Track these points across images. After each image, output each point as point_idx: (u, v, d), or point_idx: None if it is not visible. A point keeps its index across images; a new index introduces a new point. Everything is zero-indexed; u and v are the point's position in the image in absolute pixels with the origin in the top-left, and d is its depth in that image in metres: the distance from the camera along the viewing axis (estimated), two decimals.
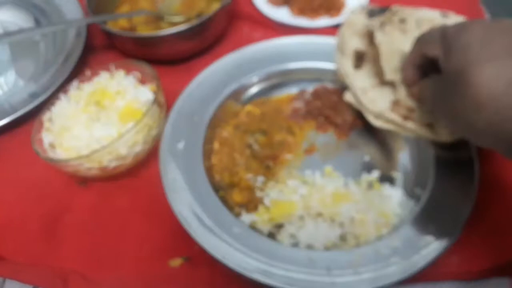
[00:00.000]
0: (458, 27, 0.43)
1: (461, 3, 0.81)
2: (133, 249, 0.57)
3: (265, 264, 0.49)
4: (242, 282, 0.53)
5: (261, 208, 0.57)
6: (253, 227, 0.55)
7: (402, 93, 0.54)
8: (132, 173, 0.63)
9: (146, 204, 0.60)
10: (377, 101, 0.57)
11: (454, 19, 0.69)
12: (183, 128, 0.61)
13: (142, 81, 0.67)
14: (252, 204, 0.57)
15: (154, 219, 0.59)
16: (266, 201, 0.57)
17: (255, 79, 0.68)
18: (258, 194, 0.58)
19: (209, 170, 0.59)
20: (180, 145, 0.60)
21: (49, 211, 0.60)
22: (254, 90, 0.69)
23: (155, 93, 0.63)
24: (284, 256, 0.50)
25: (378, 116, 0.56)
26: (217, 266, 0.54)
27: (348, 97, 0.60)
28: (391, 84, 0.57)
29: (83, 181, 0.62)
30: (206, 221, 0.53)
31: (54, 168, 0.60)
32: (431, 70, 0.46)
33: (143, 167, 0.64)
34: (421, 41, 0.48)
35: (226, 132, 0.64)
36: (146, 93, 0.65)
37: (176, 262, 0.55)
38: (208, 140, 0.62)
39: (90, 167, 0.58)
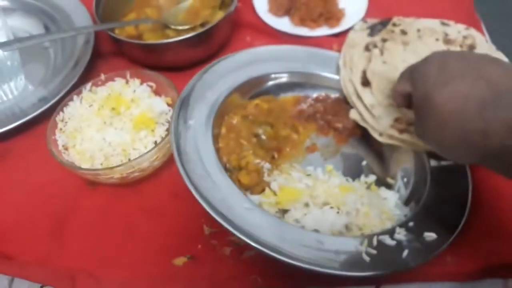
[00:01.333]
0: (422, 60, 0.49)
1: (458, 10, 0.84)
2: (139, 249, 0.58)
3: (276, 240, 0.50)
4: (243, 280, 0.55)
5: (268, 191, 0.58)
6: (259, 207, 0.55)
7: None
8: (142, 178, 0.65)
9: (152, 206, 0.62)
10: (382, 118, 0.61)
11: (454, 27, 0.72)
12: (194, 108, 0.62)
13: (157, 92, 0.69)
14: (259, 187, 0.59)
15: (160, 220, 0.61)
16: (274, 185, 0.58)
17: (266, 76, 0.71)
18: (266, 178, 0.60)
19: (217, 152, 0.59)
20: (191, 122, 0.60)
21: (58, 211, 0.62)
22: (261, 87, 0.71)
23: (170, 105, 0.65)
24: (294, 236, 0.51)
25: (381, 133, 0.61)
26: (219, 264, 0.56)
27: (353, 114, 0.63)
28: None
29: (92, 183, 0.64)
30: (218, 194, 0.53)
31: (63, 170, 0.62)
32: None
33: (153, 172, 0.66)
34: (399, 79, 0.53)
35: (234, 120, 0.65)
36: (161, 104, 0.67)
37: (180, 261, 0.57)
38: (216, 124, 0.63)
39: (111, 176, 0.61)
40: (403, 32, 0.72)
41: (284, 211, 0.57)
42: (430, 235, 0.53)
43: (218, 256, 0.57)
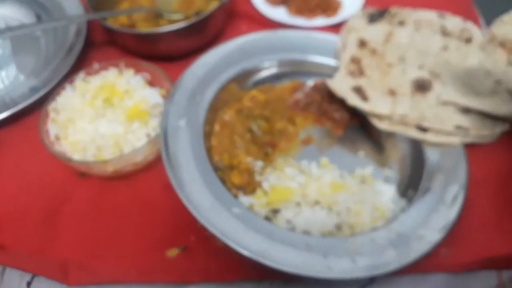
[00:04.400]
0: None
1: (457, 5, 0.83)
2: (131, 240, 0.58)
3: (264, 244, 0.50)
4: (235, 271, 0.55)
5: (259, 192, 0.58)
6: (250, 209, 0.56)
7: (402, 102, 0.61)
8: (135, 170, 0.64)
9: (144, 197, 0.62)
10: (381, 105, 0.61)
11: (451, 20, 0.71)
12: (185, 106, 0.62)
13: (151, 83, 0.69)
14: (250, 187, 0.58)
15: (152, 211, 0.60)
16: (265, 185, 0.58)
17: (260, 65, 0.70)
18: (257, 178, 0.59)
19: (208, 151, 0.60)
20: (182, 123, 0.60)
21: (49, 202, 0.61)
22: (258, 77, 0.70)
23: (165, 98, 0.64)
24: (282, 240, 0.51)
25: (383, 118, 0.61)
26: (212, 255, 0.56)
27: (351, 100, 0.63)
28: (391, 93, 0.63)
29: (83, 173, 0.63)
30: (207, 199, 0.53)
31: (55, 160, 0.62)
32: None
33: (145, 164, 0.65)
34: None
35: (227, 115, 0.65)
36: (155, 96, 0.66)
37: (173, 252, 0.56)
38: (209, 121, 0.63)
39: (106, 169, 0.60)
40: (401, 23, 0.71)
41: (276, 211, 0.57)
42: (423, 233, 0.52)
43: (211, 248, 0.56)
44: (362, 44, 0.69)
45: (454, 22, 0.71)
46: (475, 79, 0.65)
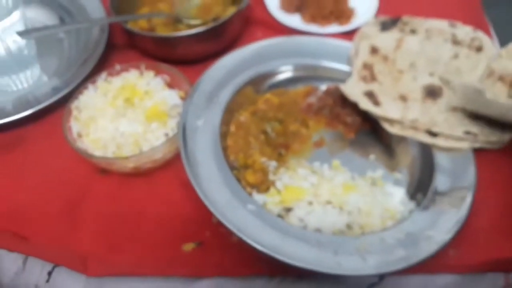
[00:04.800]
0: None
1: (468, 14, 0.85)
2: (148, 234, 0.60)
3: (277, 240, 0.52)
4: (248, 266, 0.57)
5: (272, 190, 0.60)
6: (263, 207, 0.58)
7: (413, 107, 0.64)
8: (153, 167, 0.66)
9: (162, 194, 0.64)
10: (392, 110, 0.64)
11: (462, 29, 0.73)
12: (203, 107, 0.65)
13: (170, 85, 0.71)
14: (264, 186, 0.60)
15: (169, 207, 0.62)
16: (279, 184, 0.60)
17: (275, 69, 0.73)
18: (271, 177, 0.61)
19: (224, 150, 0.62)
20: (199, 123, 0.63)
21: (71, 196, 0.64)
22: (273, 80, 0.73)
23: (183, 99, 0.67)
24: (294, 236, 0.53)
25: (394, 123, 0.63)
26: (226, 251, 0.58)
27: (363, 105, 0.65)
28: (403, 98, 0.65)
29: (103, 170, 0.66)
30: (223, 196, 0.56)
31: (75, 156, 0.64)
32: None
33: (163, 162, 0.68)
34: None
35: (243, 117, 0.67)
36: (174, 97, 0.69)
37: (188, 246, 0.58)
38: (225, 122, 0.65)
39: (125, 165, 0.63)
40: (413, 31, 0.73)
41: (288, 209, 0.58)
42: (431, 233, 0.54)
43: (226, 244, 0.58)
44: (374, 51, 0.72)
45: (465, 31, 0.73)
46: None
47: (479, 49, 0.71)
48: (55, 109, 0.72)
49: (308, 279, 0.57)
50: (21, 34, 0.68)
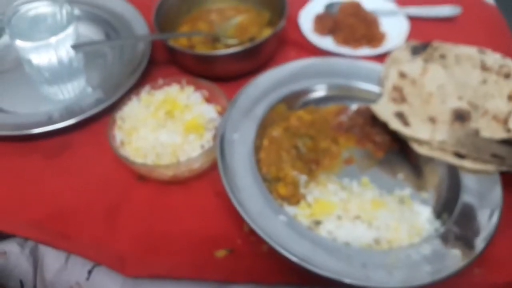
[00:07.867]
0: None
1: (497, 42, 0.87)
2: (183, 240, 0.63)
3: (307, 251, 0.55)
4: (277, 274, 0.59)
5: (303, 203, 0.62)
6: (294, 219, 0.60)
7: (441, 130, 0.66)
8: (189, 177, 0.70)
9: (197, 202, 0.67)
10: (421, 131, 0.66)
11: (491, 56, 0.75)
12: (239, 121, 0.68)
13: (208, 100, 0.75)
14: (295, 199, 0.63)
15: (203, 215, 0.65)
16: (309, 198, 0.63)
17: (309, 87, 0.77)
18: (302, 190, 0.64)
19: (257, 163, 0.65)
20: (235, 136, 0.66)
21: (111, 200, 0.68)
22: (305, 99, 0.76)
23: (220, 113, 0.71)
24: (324, 248, 0.56)
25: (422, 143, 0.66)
26: (257, 259, 0.60)
27: (394, 125, 0.67)
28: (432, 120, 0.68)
29: (142, 177, 0.70)
30: (256, 205, 0.59)
31: (116, 163, 0.69)
32: None
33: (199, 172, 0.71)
34: None
35: (276, 132, 0.70)
36: (211, 112, 0.73)
37: (221, 253, 0.61)
38: (259, 136, 0.69)
39: (164, 173, 0.66)
40: (442, 56, 0.76)
41: (318, 222, 0.61)
42: (457, 252, 0.56)
43: (256, 252, 0.61)
44: (402, 75, 0.74)
45: (494, 58, 0.75)
46: None
47: (507, 75, 0.73)
48: (98, 119, 0.77)
49: None
50: (74, 47, 0.74)
